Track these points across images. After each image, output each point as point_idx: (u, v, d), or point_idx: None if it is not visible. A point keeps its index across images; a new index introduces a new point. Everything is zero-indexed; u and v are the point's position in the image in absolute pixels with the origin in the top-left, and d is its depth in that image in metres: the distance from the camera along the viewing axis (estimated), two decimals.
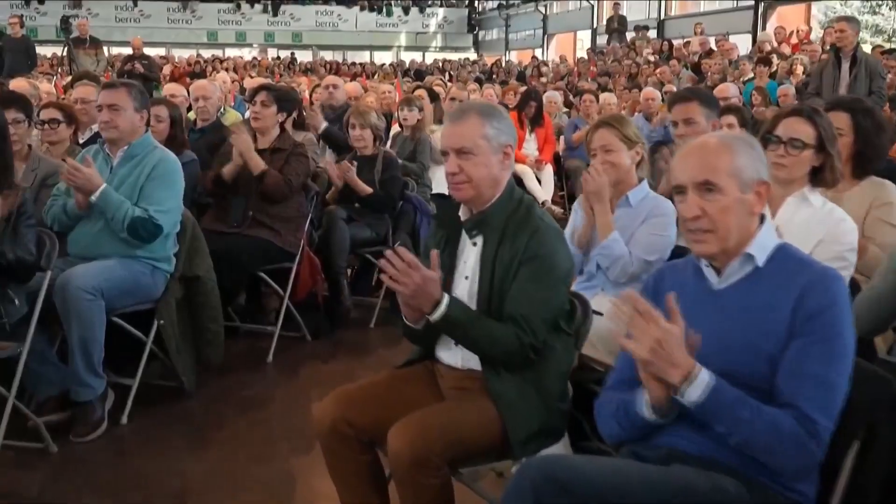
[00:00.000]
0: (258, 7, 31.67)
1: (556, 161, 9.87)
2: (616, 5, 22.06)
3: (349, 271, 6.14)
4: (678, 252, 3.53)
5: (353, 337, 5.69)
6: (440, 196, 6.85)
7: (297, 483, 3.70)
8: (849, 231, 3.11)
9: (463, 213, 2.85)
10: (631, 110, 10.98)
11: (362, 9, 32.73)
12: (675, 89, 11.49)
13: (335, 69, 22.80)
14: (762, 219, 2.20)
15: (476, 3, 33.81)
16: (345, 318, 5.75)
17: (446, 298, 2.61)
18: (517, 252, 2.70)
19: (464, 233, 2.85)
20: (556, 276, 2.71)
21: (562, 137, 10.11)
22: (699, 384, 1.99)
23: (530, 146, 9.64)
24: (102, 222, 4.11)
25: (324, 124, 6.72)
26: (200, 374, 4.60)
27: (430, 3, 33.81)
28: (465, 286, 2.78)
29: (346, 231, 5.61)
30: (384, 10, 33.09)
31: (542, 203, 9.35)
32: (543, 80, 17.77)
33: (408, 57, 29.14)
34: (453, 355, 2.84)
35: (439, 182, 6.96)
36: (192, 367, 4.52)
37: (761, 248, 2.17)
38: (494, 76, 19.63)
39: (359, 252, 5.83)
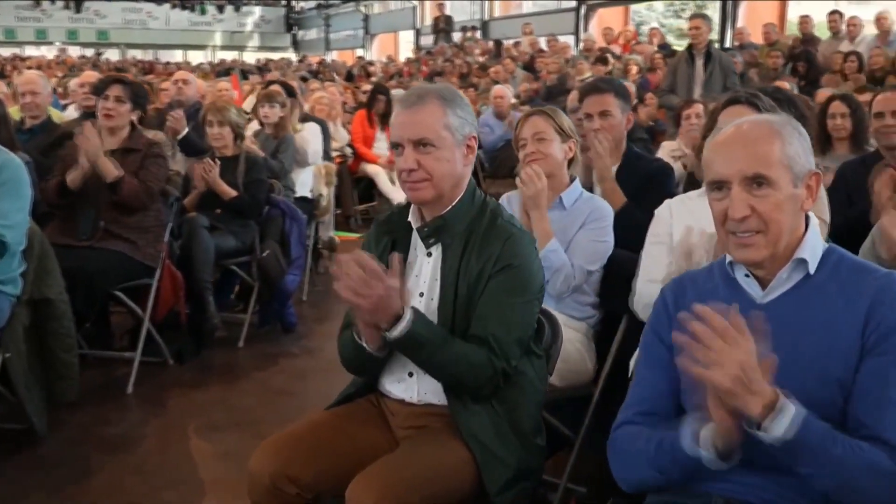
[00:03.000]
0: (59, 3, 29.58)
1: None
2: (441, 6, 21.94)
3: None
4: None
5: (222, 358, 5.09)
6: (303, 200, 6.37)
7: None
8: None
9: (414, 218, 2.40)
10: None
11: (173, 6, 31.22)
12: (511, 89, 11.40)
13: (149, 69, 21.55)
14: (807, 217, 1.88)
15: (294, 2, 32.95)
16: (210, 339, 5.13)
17: (409, 312, 2.16)
18: (486, 263, 2.28)
19: (416, 241, 2.41)
20: (531, 290, 2.32)
21: None
22: (786, 416, 1.61)
23: (381, 145, 9.22)
24: None
25: (186, 129, 6.04)
26: (51, 412, 3.91)
27: (245, 1, 32.71)
28: (420, 304, 2.33)
29: (210, 241, 5.01)
30: (197, 8, 31.72)
31: (397, 205, 8.95)
32: (372, 79, 17.40)
33: (223, 56, 28.01)
34: (407, 388, 2.39)
35: (303, 185, 6.47)
36: (43, 406, 3.84)
37: (812, 251, 1.84)
38: (321, 75, 19.08)
39: (223, 263, 5.23)
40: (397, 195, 9.04)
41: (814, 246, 1.84)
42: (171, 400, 4.45)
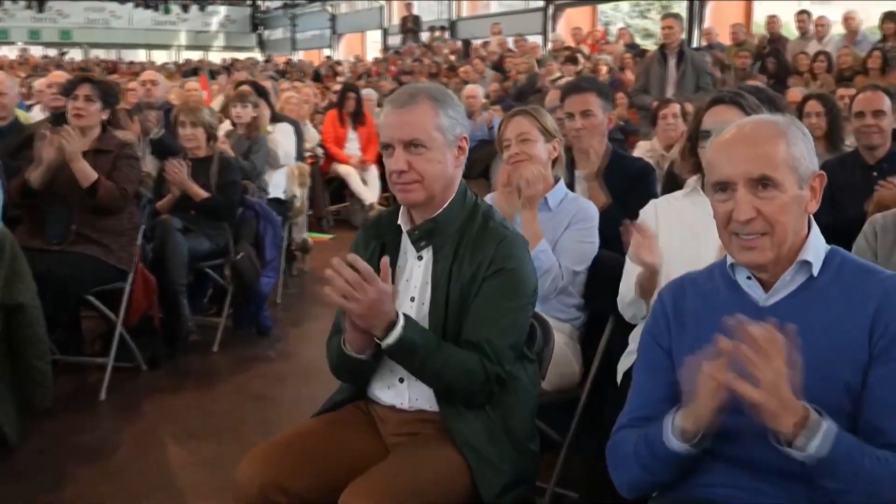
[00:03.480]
0: (21, 3, 29.13)
1: (381, 161, 9.44)
2: (409, 6, 21.87)
3: None
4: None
5: (196, 364, 5.00)
6: (277, 201, 6.29)
7: None
8: None
9: (403, 221, 2.35)
10: None
11: (137, 5, 30.86)
12: (481, 89, 11.36)
13: (113, 69, 21.27)
14: (809, 219, 1.85)
15: (259, 2, 32.71)
16: (185, 343, 5.05)
17: (402, 318, 2.11)
18: (479, 266, 2.24)
19: (406, 245, 2.36)
20: (525, 293, 2.28)
21: None
22: (820, 433, 1.58)
23: (353, 145, 9.16)
24: None
25: (162, 130, 5.93)
26: (23, 420, 3.80)
27: (210, 1, 32.42)
28: (412, 309, 2.28)
29: (184, 243, 4.92)
30: (161, 7, 31.38)
31: (370, 206, 8.93)
32: (340, 79, 17.30)
33: (188, 56, 27.73)
34: (397, 394, 2.34)
35: (276, 186, 6.39)
36: (16, 415, 3.74)
37: (816, 253, 1.81)
38: (288, 75, 18.93)
39: (197, 266, 5.14)
40: (369, 195, 9.01)
41: (817, 248, 1.81)
42: (146, 406, 4.36)
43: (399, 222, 2.36)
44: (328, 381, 4.63)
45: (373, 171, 9.14)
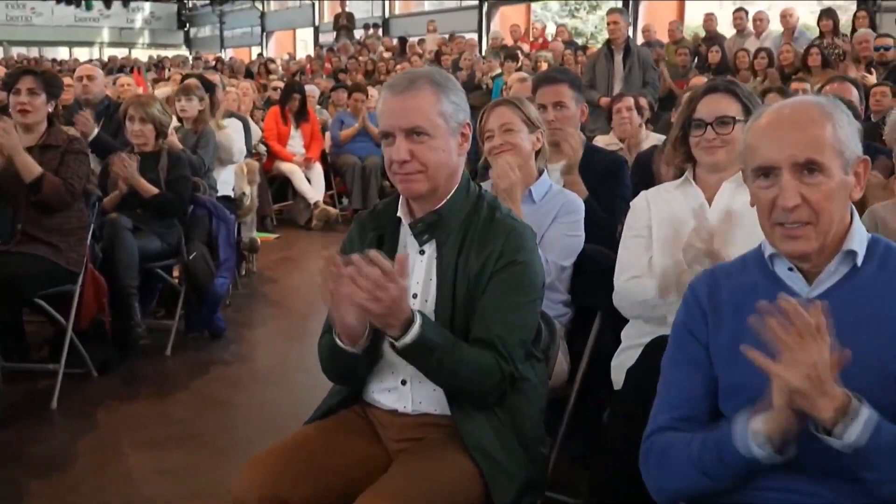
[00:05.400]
0: None
1: (324, 159, 9.27)
2: (342, 3, 21.67)
3: None
4: None
5: (149, 369, 4.78)
6: (226, 199, 6.09)
7: None
8: None
9: (403, 213, 2.23)
10: None
11: (58, 2, 29.97)
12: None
13: (36, 66, 20.58)
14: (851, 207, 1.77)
15: None
16: (136, 347, 4.82)
17: (419, 316, 1.98)
18: (487, 260, 2.12)
19: (405, 238, 2.24)
20: (536, 288, 2.18)
21: (328, 133, 9.50)
22: (859, 421, 1.50)
23: (296, 143, 8.96)
24: None
25: (96, 130, 5.67)
26: None
27: None
28: (414, 306, 2.13)
29: (134, 243, 4.71)
30: (83, 3, 30.54)
31: (314, 204, 8.76)
32: (273, 77, 17.01)
33: (112, 54, 27.03)
34: (400, 397, 2.21)
35: (225, 183, 6.19)
36: None
37: (860, 242, 1.73)
38: (220, 73, 18.54)
39: (148, 266, 4.92)
40: (314, 194, 8.83)
41: (861, 236, 1.74)
42: (101, 414, 4.13)
43: (398, 214, 2.23)
44: (287, 384, 4.57)
45: (317, 169, 8.98)
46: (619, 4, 16.68)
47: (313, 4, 25.80)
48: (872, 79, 7.57)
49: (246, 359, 5.07)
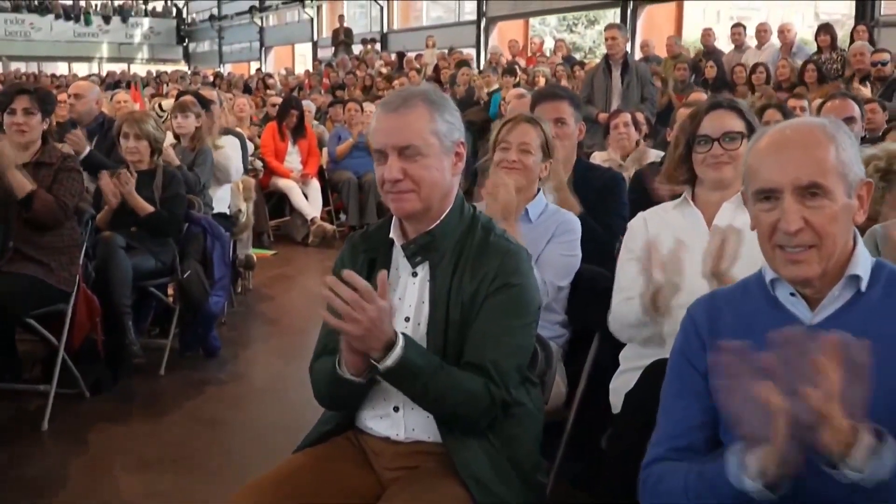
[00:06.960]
0: None
1: (321, 175, 9.24)
2: (341, 18, 21.70)
3: None
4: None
5: (143, 388, 4.72)
6: (222, 216, 6.05)
7: None
8: None
9: (396, 234, 2.19)
10: None
11: (58, 17, 30.09)
12: None
13: (34, 82, 20.61)
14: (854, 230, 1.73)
15: (185, 14, 32.17)
16: (129, 367, 4.77)
17: (401, 338, 1.94)
18: (481, 283, 2.08)
19: (398, 260, 2.19)
20: (531, 311, 2.13)
21: (324, 150, 9.48)
22: (883, 453, 1.44)
23: (293, 159, 8.93)
24: None
25: (88, 148, 5.64)
26: None
27: (133, 12, 31.76)
28: (407, 330, 2.09)
29: (127, 262, 4.66)
30: (82, 18, 30.63)
31: (311, 220, 8.72)
32: (271, 92, 17.02)
33: (111, 69, 27.08)
34: (392, 424, 2.16)
35: (220, 200, 6.15)
36: None
37: (864, 267, 1.69)
38: (218, 87, 18.56)
39: (142, 285, 4.87)
40: (311, 210, 8.79)
41: (864, 260, 1.70)
42: (93, 435, 4.07)
43: (391, 235, 2.19)
44: (283, 403, 4.51)
45: (314, 185, 8.94)
46: (618, 19, 16.69)
47: (312, 20, 25.87)
48: (867, 92, 7.54)
49: (241, 378, 5.02)
